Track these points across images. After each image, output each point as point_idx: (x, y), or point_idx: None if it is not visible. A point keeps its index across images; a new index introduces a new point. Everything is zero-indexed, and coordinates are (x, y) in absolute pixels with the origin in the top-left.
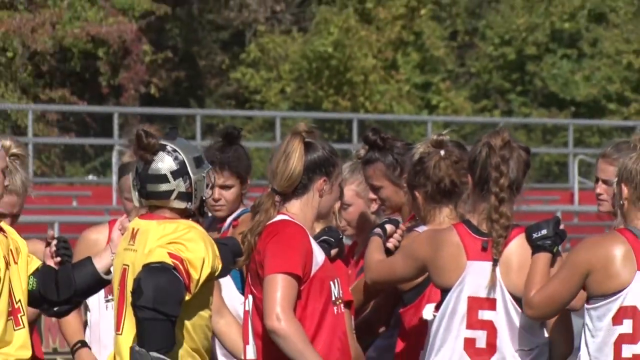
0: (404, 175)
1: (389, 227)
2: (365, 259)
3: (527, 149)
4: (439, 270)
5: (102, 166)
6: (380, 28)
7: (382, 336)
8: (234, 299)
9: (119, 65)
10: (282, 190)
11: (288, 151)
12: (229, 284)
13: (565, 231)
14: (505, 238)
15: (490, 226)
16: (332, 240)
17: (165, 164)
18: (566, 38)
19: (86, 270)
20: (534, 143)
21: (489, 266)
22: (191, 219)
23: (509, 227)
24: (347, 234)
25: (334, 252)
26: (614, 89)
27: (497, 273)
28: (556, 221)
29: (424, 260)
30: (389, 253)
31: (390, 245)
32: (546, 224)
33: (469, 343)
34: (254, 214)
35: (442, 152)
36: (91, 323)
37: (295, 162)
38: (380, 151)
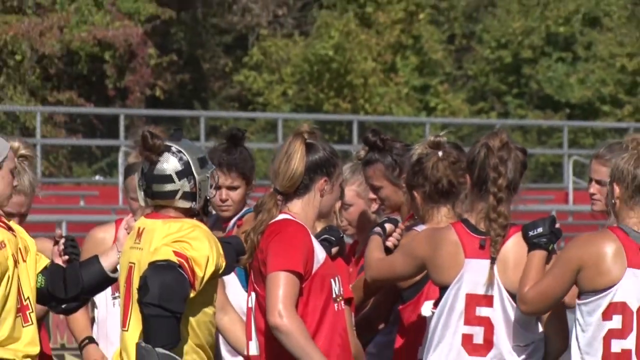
0: (403, 175)
1: (388, 226)
2: (365, 258)
3: (524, 150)
4: (437, 268)
5: (109, 167)
6: (379, 32)
7: (381, 332)
8: (239, 296)
9: (125, 68)
10: (284, 190)
11: (290, 152)
12: (234, 282)
13: (560, 230)
14: (504, 237)
15: (488, 225)
16: (333, 239)
17: (170, 164)
18: (561, 41)
19: (93, 268)
20: (530, 144)
21: (486, 264)
22: (195, 218)
23: (506, 226)
24: (348, 233)
25: (334, 250)
26: (607, 91)
27: (495, 271)
28: (552, 220)
29: (422, 258)
30: (388, 251)
31: (389, 243)
32: (542, 222)
33: (467, 339)
34: (257, 213)
35: (440, 153)
36: (98, 320)
37: (297, 163)
38: (380, 152)
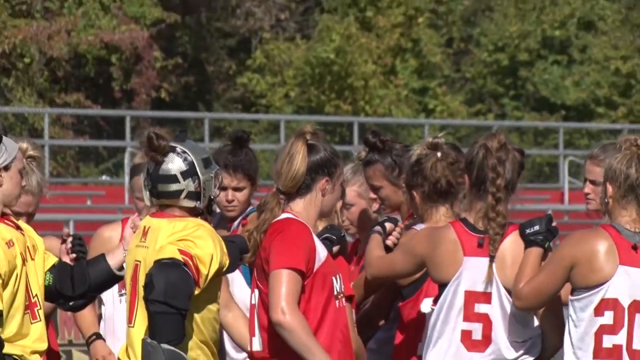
0: (403, 175)
1: (388, 225)
2: (365, 256)
3: (521, 151)
4: (436, 266)
5: (115, 167)
6: (379, 35)
7: (382, 329)
8: (245, 293)
9: (131, 71)
10: (287, 190)
11: (292, 153)
12: (239, 279)
13: (557, 228)
14: (502, 236)
15: (487, 224)
16: (334, 237)
17: (175, 164)
18: (557, 45)
19: (100, 266)
20: (526, 145)
21: (485, 262)
22: (200, 217)
23: (505, 225)
24: (350, 232)
25: (335, 249)
26: (602, 93)
27: (493, 268)
28: (548, 218)
29: (422, 257)
30: (388, 250)
31: (389, 242)
32: (539, 220)
33: (466, 335)
34: (260, 212)
35: (439, 154)
36: (105, 316)
37: (299, 163)
38: (380, 153)
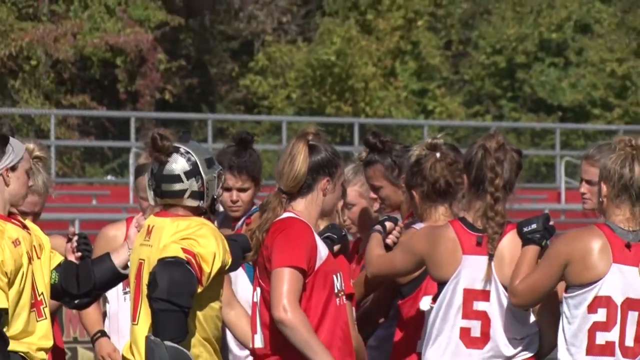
0: (402, 175)
1: (388, 224)
2: (366, 254)
3: (519, 151)
4: (436, 264)
5: (120, 167)
6: (379, 38)
7: (382, 326)
8: (248, 291)
9: (135, 73)
10: (288, 189)
11: (293, 153)
12: (243, 278)
13: (554, 227)
14: (500, 234)
15: (485, 223)
16: (335, 237)
17: (178, 164)
18: (554, 47)
19: (105, 265)
20: (524, 146)
21: (483, 260)
22: (203, 216)
23: (503, 224)
24: (352, 231)
25: (336, 248)
26: (598, 95)
27: (492, 266)
28: (546, 217)
29: (422, 255)
30: (388, 249)
31: (389, 241)
32: (536, 219)
33: (465, 332)
34: (262, 212)
35: (438, 155)
36: (110, 314)
37: (300, 164)
38: (380, 153)
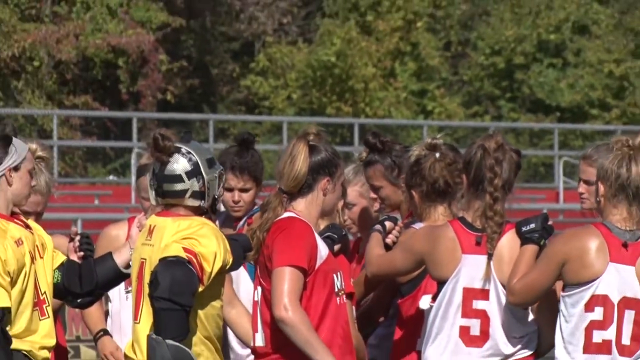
0: (402, 175)
1: (388, 224)
2: (365, 254)
3: (518, 151)
4: (435, 263)
5: (122, 167)
6: (379, 39)
7: (382, 325)
8: (250, 290)
9: (137, 74)
10: (289, 189)
11: (294, 154)
12: (245, 277)
13: (552, 226)
14: (499, 234)
15: (485, 223)
16: (336, 236)
17: (180, 165)
18: (552, 48)
19: (107, 264)
20: (522, 146)
21: (483, 259)
22: (204, 216)
23: (502, 223)
24: (352, 231)
25: (337, 247)
26: (596, 95)
27: (491, 266)
28: (544, 217)
29: (421, 254)
30: (387, 248)
31: (389, 240)
32: (535, 219)
33: (464, 331)
34: (263, 212)
35: (437, 155)
36: (112, 313)
37: (301, 164)
38: (380, 153)
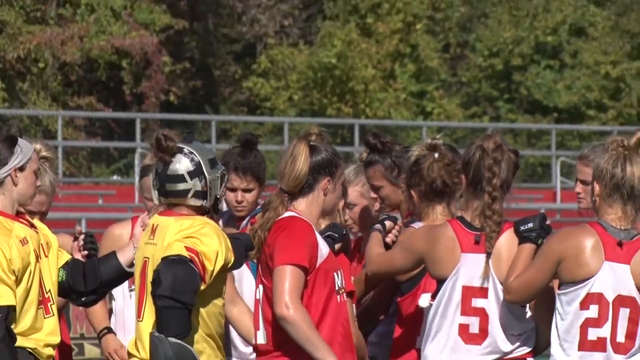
0: (402, 175)
1: (387, 223)
2: (366, 253)
3: (516, 152)
4: (435, 262)
5: (126, 167)
6: (379, 41)
7: (382, 323)
8: (253, 288)
9: (141, 75)
10: (290, 189)
11: (295, 154)
12: (248, 275)
13: (550, 226)
14: (498, 233)
15: (483, 222)
16: (336, 235)
17: (182, 165)
18: (549, 50)
19: (111, 263)
20: (520, 146)
21: (482, 258)
22: (206, 215)
23: (500, 222)
24: (353, 231)
25: (337, 246)
26: (593, 96)
27: (490, 264)
28: (542, 216)
29: (421, 253)
30: (387, 247)
31: (388, 240)
32: (533, 218)
33: (463, 328)
34: (264, 211)
35: (436, 155)
36: (116, 311)
37: (302, 164)
38: (380, 154)
